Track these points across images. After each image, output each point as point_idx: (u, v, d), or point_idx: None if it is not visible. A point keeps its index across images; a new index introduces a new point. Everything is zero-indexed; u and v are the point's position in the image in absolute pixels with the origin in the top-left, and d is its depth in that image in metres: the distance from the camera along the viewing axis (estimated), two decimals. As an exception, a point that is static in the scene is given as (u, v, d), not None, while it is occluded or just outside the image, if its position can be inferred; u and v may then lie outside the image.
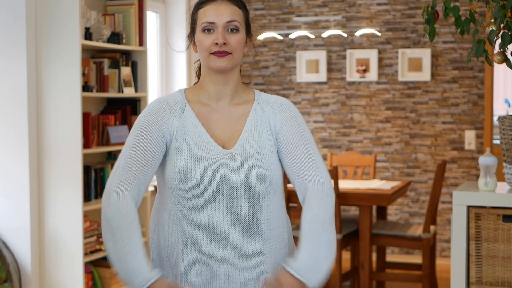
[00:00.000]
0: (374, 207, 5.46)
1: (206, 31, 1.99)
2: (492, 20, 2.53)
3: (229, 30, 1.98)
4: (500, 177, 2.82)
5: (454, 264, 2.68)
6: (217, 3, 2.00)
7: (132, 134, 2.00)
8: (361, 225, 4.67)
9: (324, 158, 6.18)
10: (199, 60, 2.10)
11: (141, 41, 4.78)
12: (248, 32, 2.06)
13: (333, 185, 2.04)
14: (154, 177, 2.01)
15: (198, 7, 2.04)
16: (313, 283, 1.94)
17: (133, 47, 4.70)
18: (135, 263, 1.86)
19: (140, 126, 1.99)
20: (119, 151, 4.77)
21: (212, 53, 1.98)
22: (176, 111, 2.00)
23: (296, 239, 2.11)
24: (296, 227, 4.50)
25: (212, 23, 1.97)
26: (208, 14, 1.98)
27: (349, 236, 4.78)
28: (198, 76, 2.13)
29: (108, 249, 1.90)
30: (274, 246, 1.99)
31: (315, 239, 1.93)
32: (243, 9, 2.05)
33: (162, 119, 1.98)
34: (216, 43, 1.96)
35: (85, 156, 4.38)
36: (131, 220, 1.89)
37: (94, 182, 4.48)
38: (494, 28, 2.50)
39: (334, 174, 4.49)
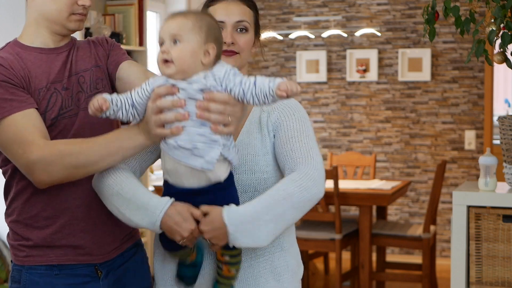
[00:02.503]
0: (374, 207, 5.46)
1: None
2: (492, 20, 2.53)
3: (238, 29, 1.96)
4: (500, 177, 2.82)
5: (454, 264, 2.68)
6: (227, 2, 1.98)
7: None
8: (361, 225, 4.67)
9: (324, 158, 6.18)
10: None
11: (141, 41, 4.78)
12: (257, 33, 2.04)
13: (324, 177, 1.86)
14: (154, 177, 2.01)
15: (207, 4, 2.01)
16: (237, 239, 1.76)
17: (133, 47, 4.70)
18: (146, 195, 1.82)
19: None
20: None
21: None
22: None
23: (298, 240, 2.07)
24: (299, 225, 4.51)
25: (222, 22, 1.95)
26: (217, 12, 1.96)
27: (349, 236, 4.79)
28: None
29: (118, 207, 1.85)
30: (268, 250, 1.94)
31: (269, 203, 1.77)
32: (253, 9, 2.03)
33: None
34: (224, 42, 1.92)
35: (85, 156, 4.38)
36: (120, 170, 1.88)
37: (94, 182, 4.48)
38: (494, 28, 2.50)
39: (334, 174, 4.49)
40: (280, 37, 6.09)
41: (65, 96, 2.01)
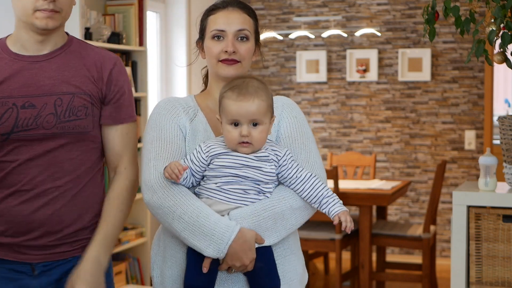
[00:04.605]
0: (374, 207, 5.46)
1: (215, 38, 1.98)
2: (492, 20, 2.53)
3: (239, 38, 1.98)
4: (500, 177, 2.82)
5: (454, 264, 2.68)
6: (227, 11, 1.99)
7: (151, 130, 1.96)
8: (361, 225, 4.67)
9: (324, 158, 6.18)
10: (205, 67, 2.10)
11: (141, 41, 4.78)
12: (257, 41, 2.05)
13: (324, 180, 1.97)
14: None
15: (208, 13, 2.02)
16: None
17: (133, 47, 4.70)
18: (210, 220, 1.82)
19: (157, 122, 1.96)
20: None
21: (220, 61, 1.97)
22: (188, 113, 1.98)
23: (302, 242, 2.09)
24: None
25: (222, 30, 1.97)
26: (218, 21, 1.98)
27: (349, 236, 4.79)
28: (205, 83, 2.12)
29: (179, 231, 1.83)
30: (280, 253, 1.96)
31: (268, 203, 1.87)
32: (253, 18, 2.05)
33: (177, 116, 1.97)
34: (226, 51, 1.95)
35: (85, 156, 4.37)
36: (184, 191, 1.86)
37: (94, 182, 4.47)
38: (494, 28, 2.50)
39: (334, 174, 4.49)
40: (280, 37, 6.09)
41: (25, 115, 1.89)
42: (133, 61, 4.80)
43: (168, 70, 5.83)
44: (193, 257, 1.86)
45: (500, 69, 7.87)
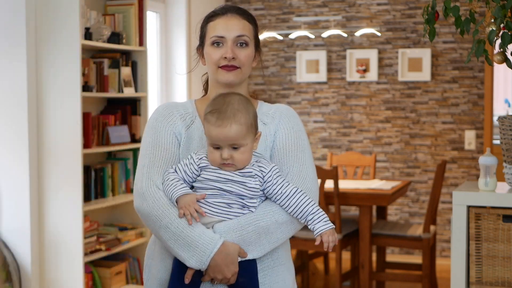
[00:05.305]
0: (374, 207, 5.46)
1: (215, 44, 1.98)
2: (492, 20, 2.53)
3: (238, 44, 1.98)
4: (500, 177, 2.82)
5: (454, 264, 2.68)
6: (227, 17, 2.00)
7: (147, 135, 2.00)
8: (361, 225, 4.67)
9: (324, 158, 6.18)
10: (206, 73, 2.10)
11: (141, 41, 4.78)
12: (257, 47, 2.06)
13: (315, 197, 2.00)
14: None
15: (207, 20, 2.03)
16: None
17: (133, 47, 4.70)
18: (195, 232, 1.83)
19: (154, 127, 1.99)
20: (119, 151, 4.78)
21: (220, 67, 1.98)
22: (185, 120, 2.00)
23: (299, 240, 2.09)
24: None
25: (222, 37, 1.97)
26: (217, 28, 1.98)
27: (349, 236, 4.78)
28: (205, 89, 2.12)
29: (165, 240, 1.86)
30: (267, 264, 1.97)
31: (253, 217, 1.88)
32: (253, 24, 2.04)
33: (174, 123, 1.99)
34: (225, 57, 1.96)
35: (85, 156, 4.38)
36: (171, 204, 1.87)
37: (94, 182, 4.48)
38: (494, 28, 2.50)
39: (334, 174, 4.49)
40: (280, 37, 6.09)
41: None
42: (133, 61, 4.80)
43: (168, 70, 5.83)
44: (178, 266, 1.88)
45: (500, 69, 7.87)
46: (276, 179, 1.89)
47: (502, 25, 2.50)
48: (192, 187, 1.91)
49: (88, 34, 4.34)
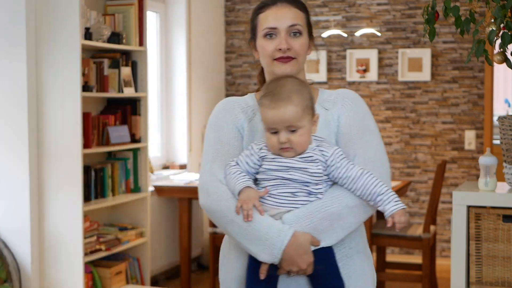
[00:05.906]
0: (374, 207, 5.44)
1: (268, 36, 1.93)
2: (492, 20, 2.52)
3: (292, 34, 1.93)
4: (500, 177, 2.82)
5: (454, 264, 2.68)
6: (277, 7, 1.94)
7: (209, 132, 1.97)
8: (361, 225, 4.67)
9: (324, 158, 6.18)
10: (260, 65, 2.04)
11: (141, 41, 4.78)
12: (310, 35, 2.00)
13: (388, 177, 1.95)
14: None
15: (257, 12, 1.98)
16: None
17: (133, 47, 4.70)
18: (263, 224, 1.79)
19: (215, 123, 1.96)
20: (119, 151, 4.78)
21: (275, 59, 1.93)
22: (247, 113, 1.97)
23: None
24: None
25: (274, 28, 1.92)
26: (269, 19, 1.93)
27: (349, 236, 4.78)
28: (259, 81, 2.07)
29: (234, 235, 1.83)
30: (346, 252, 1.92)
31: (322, 203, 1.83)
32: (304, 11, 1.99)
33: (235, 116, 1.96)
34: (279, 49, 1.91)
35: (85, 156, 4.38)
36: (236, 198, 1.84)
37: (94, 182, 4.48)
38: (494, 28, 2.50)
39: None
40: (280, 37, 6.08)
41: None
42: (133, 61, 4.80)
43: (168, 70, 5.83)
44: (253, 262, 1.84)
45: (500, 69, 7.87)
46: (340, 162, 1.83)
47: (502, 25, 2.50)
48: (256, 180, 1.87)
49: (88, 34, 4.34)
